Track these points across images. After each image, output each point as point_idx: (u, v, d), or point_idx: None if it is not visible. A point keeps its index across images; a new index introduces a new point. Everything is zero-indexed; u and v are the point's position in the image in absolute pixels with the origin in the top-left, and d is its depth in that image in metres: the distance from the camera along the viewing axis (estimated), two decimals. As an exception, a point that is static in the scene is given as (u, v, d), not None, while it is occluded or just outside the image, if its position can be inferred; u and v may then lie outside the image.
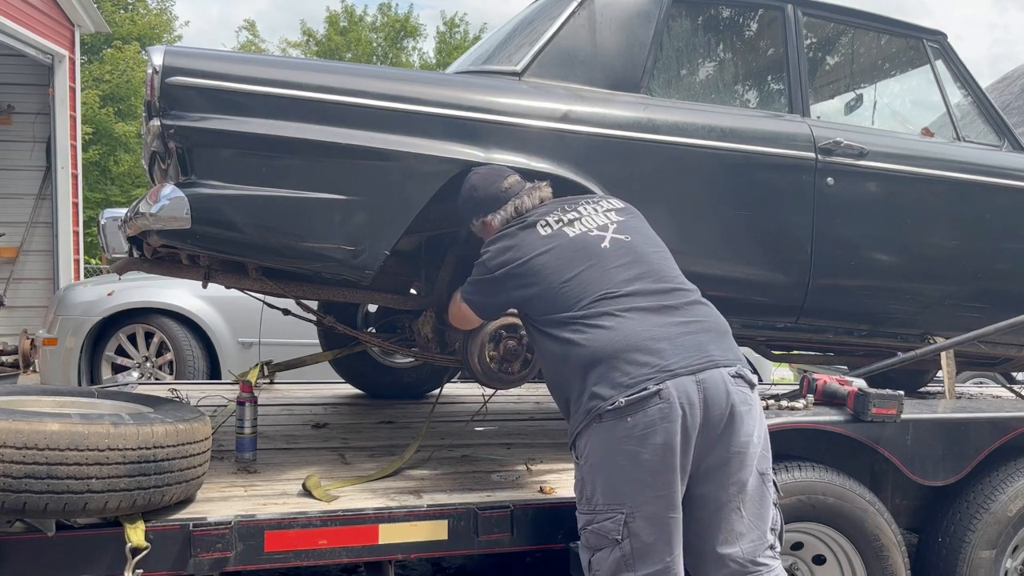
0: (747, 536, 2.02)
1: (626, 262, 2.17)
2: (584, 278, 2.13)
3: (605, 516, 1.98)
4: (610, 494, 1.97)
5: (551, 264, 2.17)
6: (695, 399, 1.95)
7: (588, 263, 2.16)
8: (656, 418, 1.92)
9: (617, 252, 2.19)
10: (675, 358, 1.98)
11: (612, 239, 2.22)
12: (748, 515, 2.02)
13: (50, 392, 2.52)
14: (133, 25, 22.04)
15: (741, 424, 2.00)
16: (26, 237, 8.62)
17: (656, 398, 1.93)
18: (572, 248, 2.20)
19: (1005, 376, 4.69)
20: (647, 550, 1.93)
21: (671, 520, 1.95)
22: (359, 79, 2.64)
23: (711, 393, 1.97)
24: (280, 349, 4.85)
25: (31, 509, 1.84)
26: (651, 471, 1.93)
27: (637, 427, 1.93)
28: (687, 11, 3.20)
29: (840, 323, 3.35)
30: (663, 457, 1.92)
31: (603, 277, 2.13)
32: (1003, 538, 2.76)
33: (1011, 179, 3.45)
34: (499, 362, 2.81)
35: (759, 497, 2.04)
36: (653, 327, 2.03)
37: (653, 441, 1.92)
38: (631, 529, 1.94)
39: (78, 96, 9.08)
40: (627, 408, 1.93)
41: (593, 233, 2.24)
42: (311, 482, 2.40)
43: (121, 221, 2.84)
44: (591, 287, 2.11)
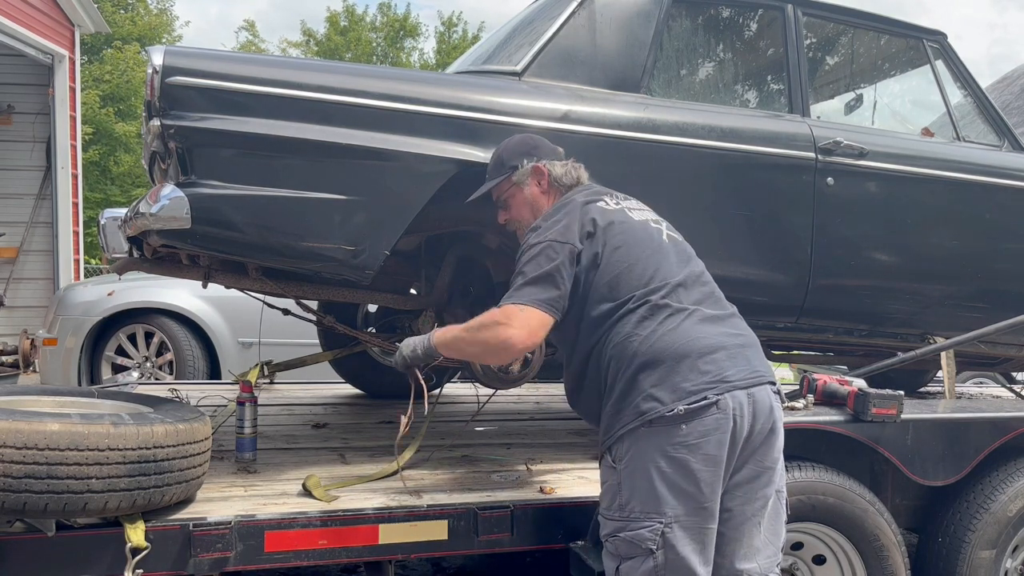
0: (763, 552, 2.01)
1: (682, 260, 2.13)
2: (649, 264, 2.05)
3: (641, 524, 1.91)
4: (649, 502, 1.91)
5: (622, 239, 2.07)
6: (746, 412, 1.94)
7: (651, 250, 2.09)
8: (711, 428, 1.90)
9: (674, 249, 2.15)
10: (732, 370, 1.95)
11: (668, 235, 2.18)
12: (765, 531, 2.01)
13: (50, 392, 2.52)
14: (133, 25, 22.04)
15: (776, 439, 2.00)
16: (26, 237, 8.62)
17: (714, 408, 1.90)
18: (639, 231, 2.12)
19: (1005, 376, 4.69)
20: (681, 563, 1.89)
21: (709, 532, 1.93)
22: (359, 79, 2.64)
23: (759, 408, 1.96)
24: (280, 349, 4.85)
25: (31, 509, 1.84)
26: (698, 482, 1.89)
27: (691, 435, 1.89)
28: (687, 11, 3.20)
29: (840, 323, 3.35)
30: (712, 468, 1.90)
31: (667, 269, 2.06)
32: (1003, 538, 2.76)
33: (1011, 179, 3.45)
34: (499, 362, 2.81)
35: (775, 513, 2.04)
36: (712, 336, 1.99)
37: (705, 451, 1.89)
38: (667, 539, 1.89)
39: (78, 96, 9.08)
40: (685, 416, 1.89)
41: (652, 225, 2.18)
42: (311, 482, 2.39)
43: (121, 221, 2.84)
44: (656, 276, 2.03)
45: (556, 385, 4.80)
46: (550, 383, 4.82)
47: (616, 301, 2.02)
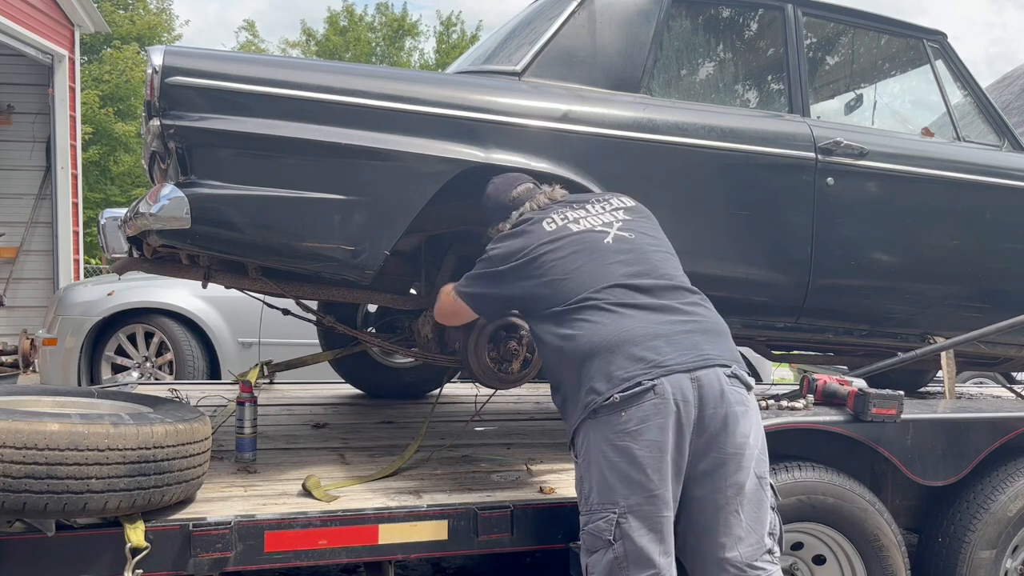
0: (745, 540, 2.01)
1: (626, 259, 2.18)
2: (584, 272, 2.15)
3: (599, 516, 1.97)
4: (604, 492, 1.96)
5: (554, 258, 2.19)
6: (690, 396, 1.95)
7: (589, 258, 2.18)
8: (650, 413, 1.93)
9: (619, 248, 2.21)
10: (671, 355, 1.98)
11: (616, 235, 2.24)
12: (746, 519, 2.01)
13: (50, 392, 2.52)
14: (132, 25, 22.03)
15: (736, 425, 2.00)
16: (26, 237, 8.63)
17: (651, 393, 1.93)
18: (575, 243, 2.22)
19: (1005, 376, 4.69)
20: (639, 553, 1.92)
21: (664, 520, 1.94)
22: (359, 79, 2.64)
23: (706, 391, 1.97)
24: (280, 349, 4.84)
25: (31, 509, 1.84)
26: (644, 468, 1.92)
27: (631, 422, 1.93)
28: (687, 11, 3.20)
29: (840, 323, 3.35)
30: (657, 454, 1.92)
31: (603, 272, 2.14)
32: (1003, 538, 2.76)
33: (1011, 179, 3.45)
34: (499, 362, 2.81)
35: (757, 501, 2.03)
36: (650, 324, 2.04)
37: (647, 437, 1.92)
38: (623, 529, 1.92)
39: (78, 96, 9.09)
40: (622, 403, 1.94)
41: (597, 229, 2.26)
42: (311, 482, 2.39)
43: (121, 221, 2.84)
44: (590, 281, 2.13)
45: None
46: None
47: (558, 308, 2.14)
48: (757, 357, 5.58)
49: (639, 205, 2.43)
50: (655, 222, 2.41)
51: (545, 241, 2.23)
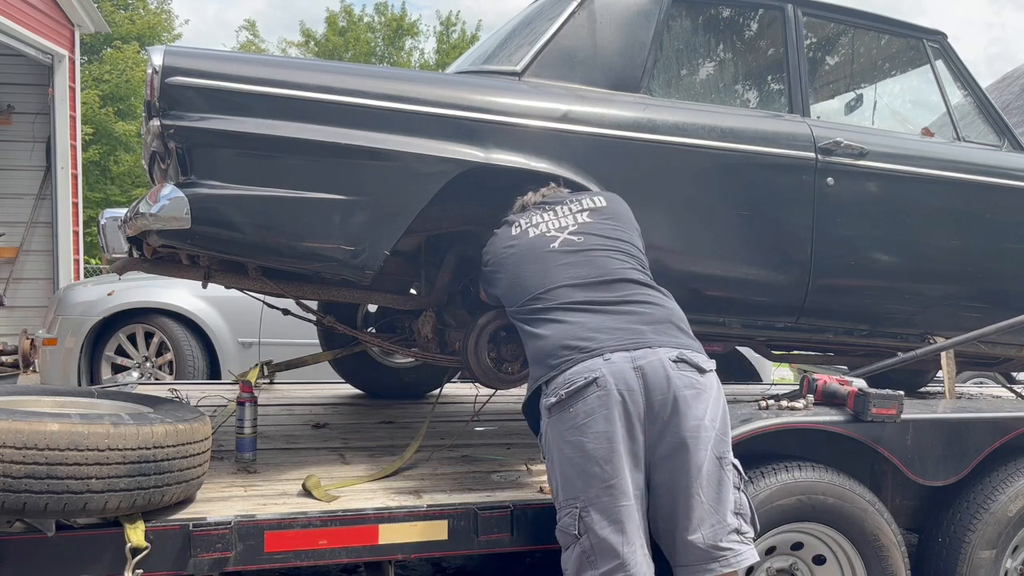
0: (707, 521, 2.00)
1: (570, 261, 2.26)
2: (529, 277, 2.27)
3: (564, 512, 2.02)
4: (566, 488, 2.01)
5: (510, 262, 2.34)
6: (634, 384, 1.99)
7: (535, 263, 2.29)
8: (595, 406, 1.97)
9: (564, 251, 2.29)
10: (608, 343, 2.05)
11: (564, 239, 2.32)
12: (707, 500, 2.01)
13: (50, 392, 2.52)
14: (132, 25, 22.02)
15: (688, 408, 2.01)
16: (26, 237, 8.63)
17: (593, 386, 1.98)
18: (527, 248, 2.34)
19: (1005, 376, 4.69)
20: (603, 544, 1.94)
21: (623, 509, 1.96)
22: (359, 79, 2.64)
23: (651, 379, 2.00)
24: (280, 349, 4.84)
25: (31, 509, 1.84)
26: (597, 460, 1.95)
27: (578, 416, 1.98)
28: (687, 11, 3.20)
29: (840, 323, 3.34)
30: (607, 444, 1.95)
31: (545, 275, 2.25)
32: (1003, 538, 2.76)
33: (1011, 179, 3.45)
34: (499, 362, 2.81)
35: (716, 481, 2.03)
36: (587, 320, 2.12)
37: (595, 429, 1.96)
38: (586, 523, 1.96)
39: (78, 96, 9.09)
40: (568, 400, 2.00)
41: (549, 234, 2.36)
42: (311, 482, 2.39)
43: (121, 221, 2.84)
44: (534, 284, 2.24)
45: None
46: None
47: (512, 309, 2.31)
48: (757, 357, 5.59)
49: (610, 205, 2.46)
50: (624, 219, 2.44)
51: (505, 245, 2.39)
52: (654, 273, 2.51)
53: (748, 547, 2.05)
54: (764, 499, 2.40)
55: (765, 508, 2.40)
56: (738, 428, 2.42)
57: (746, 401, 2.87)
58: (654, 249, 2.67)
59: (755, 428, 2.47)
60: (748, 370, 5.90)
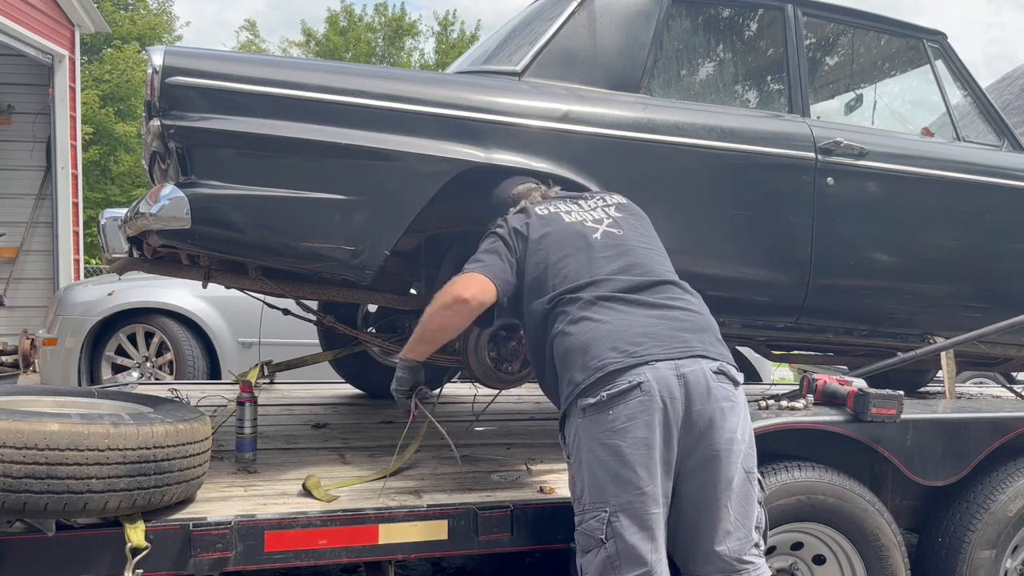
0: (734, 534, 2.01)
1: (613, 254, 2.22)
2: (571, 262, 2.19)
3: (591, 515, 1.97)
4: (595, 491, 1.97)
5: (547, 241, 2.25)
6: (676, 393, 1.96)
7: (577, 248, 2.22)
8: (637, 411, 1.93)
9: (606, 243, 2.24)
10: (655, 349, 2.00)
11: (604, 231, 2.28)
12: (735, 513, 2.01)
13: (50, 392, 2.52)
14: (133, 25, 22.02)
15: (724, 420, 2.00)
16: (26, 237, 8.62)
17: (637, 391, 1.94)
18: (566, 232, 2.27)
19: (1005, 376, 4.69)
20: (630, 551, 1.92)
21: (654, 517, 1.94)
22: (359, 79, 2.64)
23: (692, 388, 1.97)
24: (280, 349, 4.84)
25: (31, 509, 1.84)
26: (633, 466, 1.92)
27: (618, 420, 1.94)
28: (687, 11, 3.20)
29: (840, 323, 3.34)
30: (645, 451, 1.93)
31: (590, 265, 2.18)
32: (1003, 538, 2.76)
33: (1011, 179, 3.45)
34: (499, 362, 2.81)
35: (745, 495, 2.03)
36: (635, 321, 2.06)
37: (634, 434, 1.93)
38: (614, 528, 1.93)
39: (78, 96, 9.08)
40: (609, 402, 1.95)
41: (588, 224, 2.30)
42: (311, 482, 2.39)
43: (121, 221, 2.84)
44: (577, 272, 2.16)
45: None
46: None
47: (542, 300, 2.18)
48: (757, 357, 5.59)
49: (632, 204, 2.46)
50: (647, 221, 2.44)
51: (537, 223, 2.29)
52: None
53: (762, 560, 2.06)
54: (764, 499, 2.40)
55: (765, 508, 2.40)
56: (738, 428, 2.42)
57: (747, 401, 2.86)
58: (654, 249, 2.67)
59: (755, 428, 2.45)
60: (748, 370, 5.90)
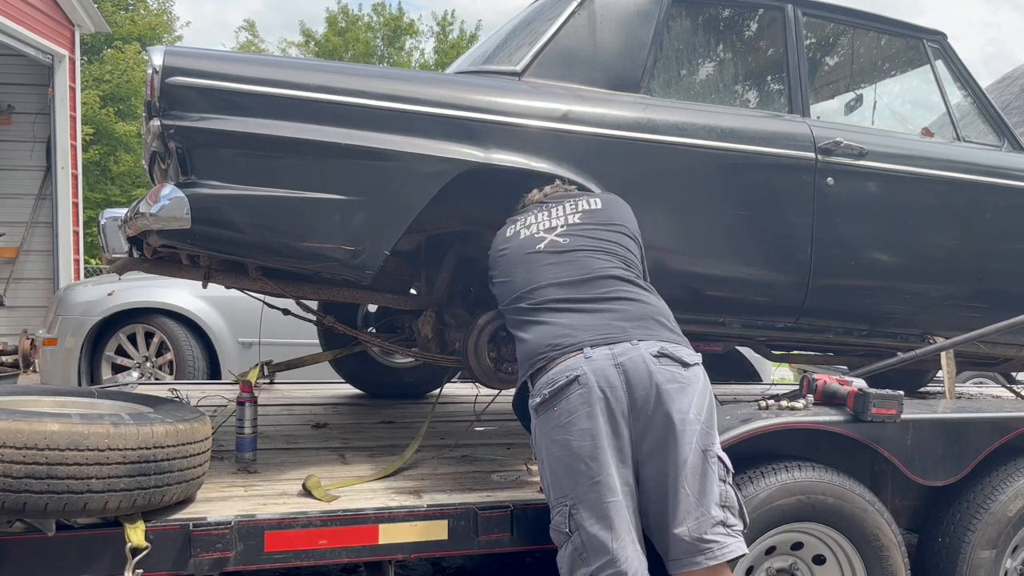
0: (692, 514, 2.00)
1: (553, 262, 2.28)
2: (516, 278, 2.31)
3: (556, 511, 2.02)
4: (556, 487, 2.02)
5: (502, 263, 2.38)
6: (615, 381, 2.00)
7: (521, 264, 2.33)
8: (577, 403, 1.99)
9: (548, 253, 2.31)
10: (584, 336, 2.08)
11: (550, 241, 2.35)
12: (692, 493, 2.00)
13: (50, 392, 2.52)
14: (133, 25, 22.03)
15: (671, 402, 2.00)
16: (26, 237, 8.63)
17: (575, 384, 2.00)
18: (518, 248, 2.38)
19: (1005, 376, 4.69)
20: (593, 541, 1.95)
21: (611, 505, 1.96)
22: (359, 79, 2.64)
23: (632, 375, 2.01)
24: (280, 349, 4.85)
25: (31, 509, 1.84)
26: (582, 457, 1.96)
27: (562, 415, 2.00)
28: (687, 11, 3.20)
29: (840, 323, 3.34)
30: (591, 441, 1.97)
31: (528, 277, 2.28)
32: (1003, 538, 2.75)
33: (1011, 179, 3.45)
34: (499, 362, 2.81)
35: (702, 473, 2.02)
36: (566, 320, 2.14)
37: (578, 426, 1.98)
38: (576, 521, 1.97)
39: (78, 96, 9.09)
40: (552, 399, 2.02)
41: (537, 235, 2.38)
42: (311, 482, 2.40)
43: (121, 221, 2.84)
44: (518, 286, 2.28)
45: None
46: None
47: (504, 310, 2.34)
48: (757, 357, 5.59)
49: (605, 207, 2.45)
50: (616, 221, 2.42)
51: (501, 247, 2.42)
52: (654, 273, 2.51)
53: (735, 539, 2.03)
54: (764, 499, 2.40)
55: (765, 508, 2.40)
56: (738, 428, 2.42)
57: (746, 401, 2.87)
58: (654, 249, 2.67)
59: (755, 428, 2.46)
60: (748, 370, 5.90)
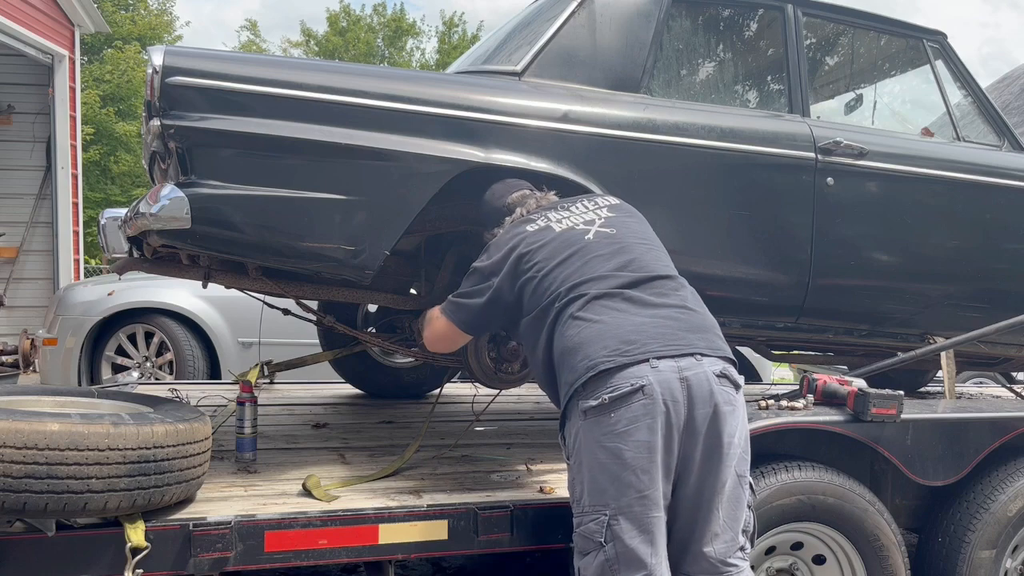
0: (721, 536, 2.01)
1: (609, 252, 2.20)
2: (565, 267, 2.18)
3: (590, 518, 1.96)
4: (595, 494, 1.96)
5: (539, 255, 2.23)
6: (679, 396, 1.94)
7: (570, 253, 2.21)
8: (639, 414, 1.92)
9: (600, 243, 2.23)
10: (653, 345, 1.98)
11: (597, 232, 2.27)
12: (724, 516, 2.01)
13: (50, 392, 2.52)
14: (133, 25, 22.02)
15: (724, 424, 1.99)
16: (26, 237, 8.63)
17: (639, 394, 1.92)
18: (559, 240, 2.26)
19: (1005, 376, 4.69)
20: (630, 554, 1.91)
21: (654, 521, 1.93)
22: (359, 79, 2.64)
23: (695, 391, 1.96)
24: (280, 349, 4.84)
25: (31, 509, 1.84)
26: (634, 469, 1.91)
27: (620, 423, 1.93)
28: (687, 11, 3.20)
29: (840, 323, 3.35)
30: (646, 454, 1.91)
31: (583, 266, 2.17)
32: (1003, 538, 2.76)
33: (1011, 179, 3.45)
34: (499, 362, 2.81)
35: (735, 499, 2.03)
36: (628, 319, 2.04)
37: (636, 438, 1.91)
38: (614, 531, 1.92)
39: (78, 96, 9.08)
40: (610, 404, 1.94)
41: (579, 227, 2.29)
42: (311, 482, 2.40)
43: (121, 221, 2.84)
44: (570, 276, 2.15)
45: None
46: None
47: (539, 308, 2.17)
48: (757, 357, 5.59)
49: (625, 204, 2.45)
50: (642, 219, 2.42)
51: (530, 241, 2.27)
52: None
53: (746, 563, 2.07)
54: (764, 499, 2.40)
55: (765, 508, 2.40)
56: (738, 428, 2.42)
57: (746, 401, 2.86)
58: (654, 249, 2.67)
59: (755, 428, 2.46)
60: (748, 370, 5.90)
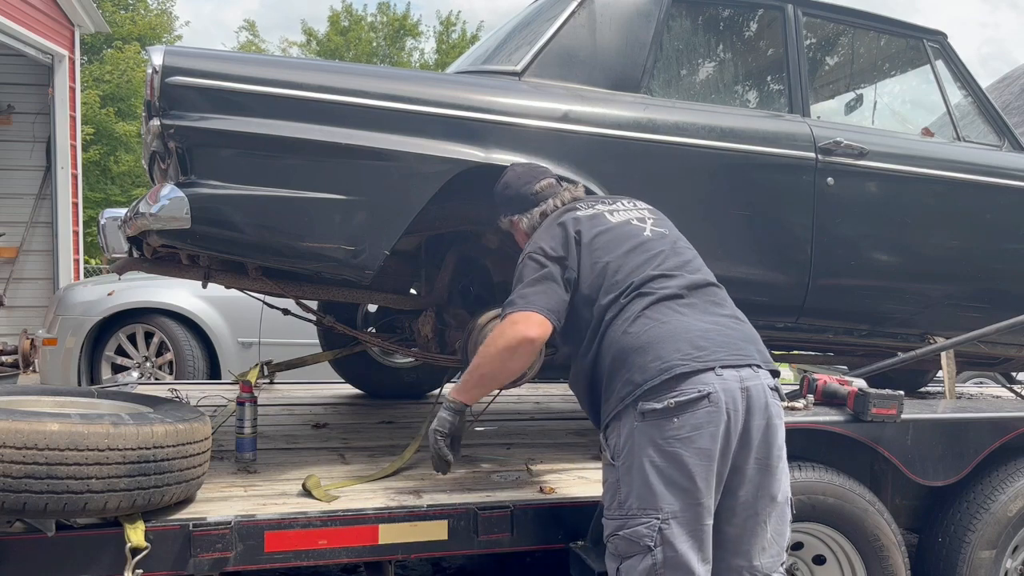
0: (768, 551, 2.00)
1: (668, 250, 2.18)
2: (631, 258, 2.13)
3: (639, 521, 1.91)
4: (646, 497, 1.91)
5: (600, 242, 2.17)
6: (739, 406, 1.92)
7: (633, 245, 2.16)
8: (704, 421, 1.89)
9: (658, 241, 2.20)
10: (720, 354, 1.95)
11: (652, 230, 2.24)
12: (772, 530, 2.00)
13: (50, 392, 2.52)
14: (133, 25, 22.01)
15: (775, 437, 1.98)
16: (26, 237, 8.63)
17: (705, 401, 1.89)
18: (618, 231, 2.21)
19: (1005, 376, 4.69)
20: (679, 560, 1.89)
21: (705, 529, 1.92)
22: (359, 79, 2.64)
23: (753, 402, 1.95)
24: (280, 349, 4.84)
25: (31, 509, 1.84)
26: (692, 476, 1.88)
27: (684, 428, 1.89)
28: (687, 11, 3.20)
29: (840, 323, 3.35)
30: (706, 462, 1.89)
31: (648, 262, 2.12)
32: (1003, 538, 2.76)
33: (1011, 179, 3.45)
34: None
35: (783, 514, 2.03)
36: (692, 323, 2.00)
37: (698, 445, 1.88)
38: (665, 536, 1.88)
39: (78, 96, 9.09)
40: (676, 409, 1.89)
41: (634, 222, 2.26)
42: (311, 482, 2.40)
43: (121, 221, 2.84)
44: (638, 269, 2.10)
45: (556, 385, 4.80)
46: (550, 383, 4.82)
47: (597, 301, 2.09)
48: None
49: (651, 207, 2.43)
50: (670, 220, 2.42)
51: (589, 225, 2.20)
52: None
53: None
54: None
55: (765, 508, 2.40)
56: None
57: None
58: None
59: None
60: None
